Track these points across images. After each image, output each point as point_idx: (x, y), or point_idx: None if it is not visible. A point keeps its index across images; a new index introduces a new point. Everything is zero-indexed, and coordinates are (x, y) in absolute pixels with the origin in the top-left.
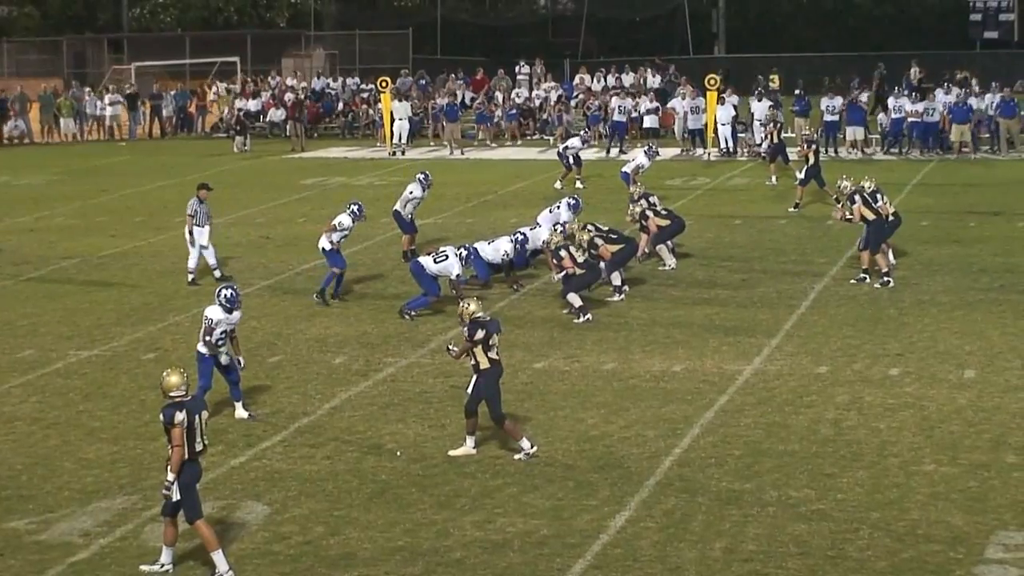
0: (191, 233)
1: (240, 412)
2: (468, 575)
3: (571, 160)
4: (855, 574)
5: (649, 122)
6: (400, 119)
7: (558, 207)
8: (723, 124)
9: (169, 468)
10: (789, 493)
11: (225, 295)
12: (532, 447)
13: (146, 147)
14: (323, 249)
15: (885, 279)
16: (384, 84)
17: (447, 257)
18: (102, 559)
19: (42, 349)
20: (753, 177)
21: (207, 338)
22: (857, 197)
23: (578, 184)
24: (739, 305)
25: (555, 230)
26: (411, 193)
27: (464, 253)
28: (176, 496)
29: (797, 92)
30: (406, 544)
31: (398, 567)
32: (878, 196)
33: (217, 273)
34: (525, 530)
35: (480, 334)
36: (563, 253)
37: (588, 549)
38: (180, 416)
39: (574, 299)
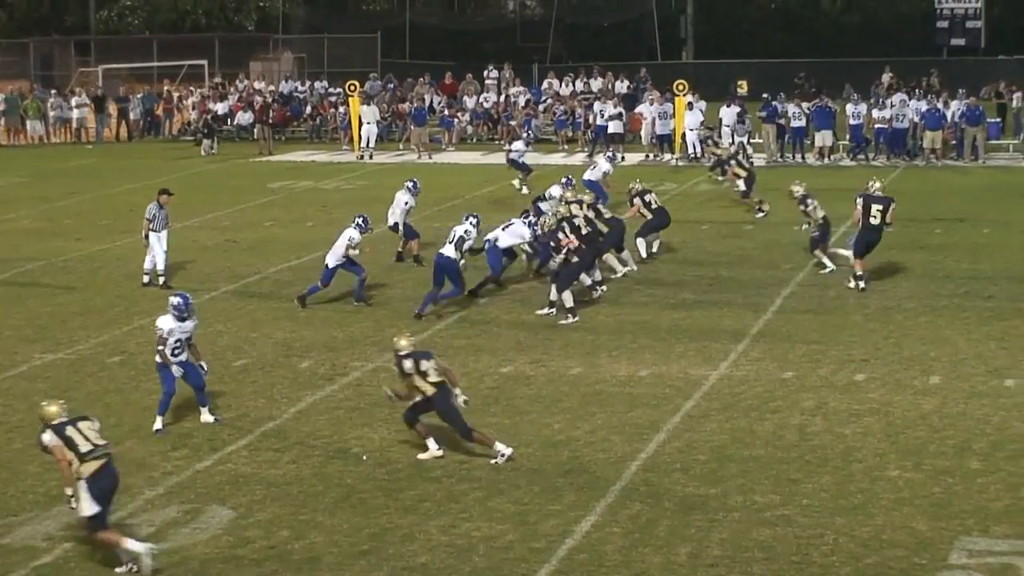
0: (147, 237)
1: (206, 416)
2: None
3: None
4: None
5: (613, 127)
6: (368, 123)
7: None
8: (691, 130)
9: (65, 484)
10: (754, 499)
11: (174, 303)
12: (508, 448)
13: (113, 150)
14: (327, 266)
15: (855, 283)
16: (352, 88)
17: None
18: (66, 563)
19: (6, 352)
20: (720, 183)
21: (161, 348)
22: (810, 200)
23: (523, 190)
24: (705, 310)
25: (551, 211)
26: (405, 204)
27: (475, 220)
28: (91, 510)
29: (765, 96)
30: (371, 548)
31: (363, 571)
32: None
33: (160, 280)
34: (490, 535)
35: (408, 364)
36: (560, 235)
37: (553, 554)
38: (47, 437)
39: (568, 299)
